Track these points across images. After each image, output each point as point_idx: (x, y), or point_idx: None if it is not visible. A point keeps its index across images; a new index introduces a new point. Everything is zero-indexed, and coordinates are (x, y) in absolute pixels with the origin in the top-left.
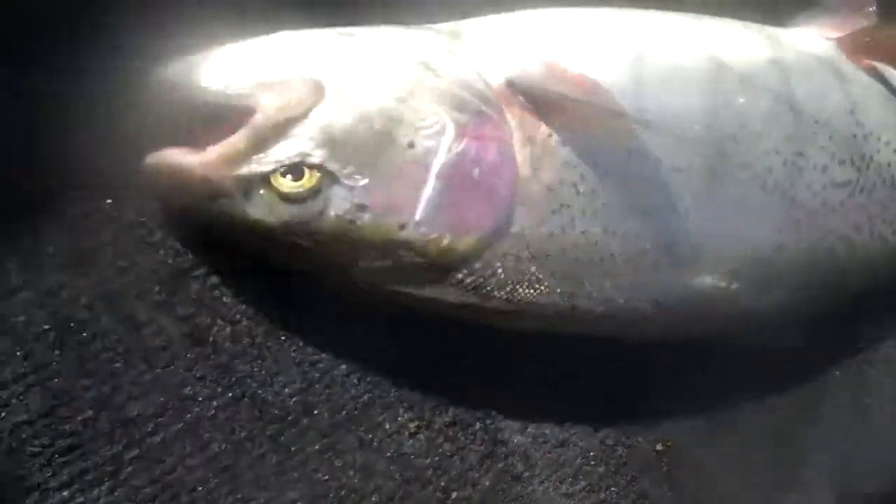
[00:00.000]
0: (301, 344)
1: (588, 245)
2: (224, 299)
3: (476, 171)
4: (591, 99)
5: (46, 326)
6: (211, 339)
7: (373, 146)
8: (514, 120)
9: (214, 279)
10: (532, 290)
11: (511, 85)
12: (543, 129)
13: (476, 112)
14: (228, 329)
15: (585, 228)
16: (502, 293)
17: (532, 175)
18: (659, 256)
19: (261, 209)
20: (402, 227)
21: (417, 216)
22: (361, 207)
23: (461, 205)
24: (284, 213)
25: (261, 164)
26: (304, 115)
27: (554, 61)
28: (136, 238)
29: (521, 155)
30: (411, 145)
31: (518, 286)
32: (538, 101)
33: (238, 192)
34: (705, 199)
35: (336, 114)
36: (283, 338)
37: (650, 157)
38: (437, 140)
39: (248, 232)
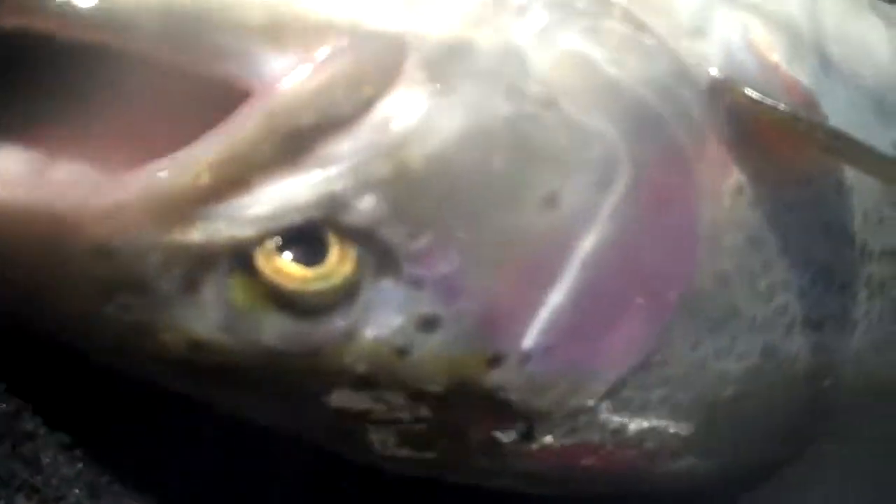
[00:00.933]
0: None
1: (738, 377)
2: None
3: (642, 257)
4: (810, 117)
5: None
6: None
7: (478, 196)
8: (705, 158)
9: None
10: (630, 451)
11: (720, 89)
12: (734, 178)
13: (666, 139)
14: None
15: (745, 350)
16: (588, 458)
17: (705, 262)
18: (812, 391)
19: (215, 319)
20: (495, 361)
21: (528, 341)
22: (430, 323)
23: (604, 321)
24: (270, 330)
25: (234, 222)
26: (353, 117)
27: (762, 47)
28: None
29: (702, 225)
30: (551, 201)
31: (614, 443)
32: (746, 121)
33: (171, 280)
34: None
35: (416, 118)
36: None
37: (846, 233)
38: (600, 192)
39: (167, 359)
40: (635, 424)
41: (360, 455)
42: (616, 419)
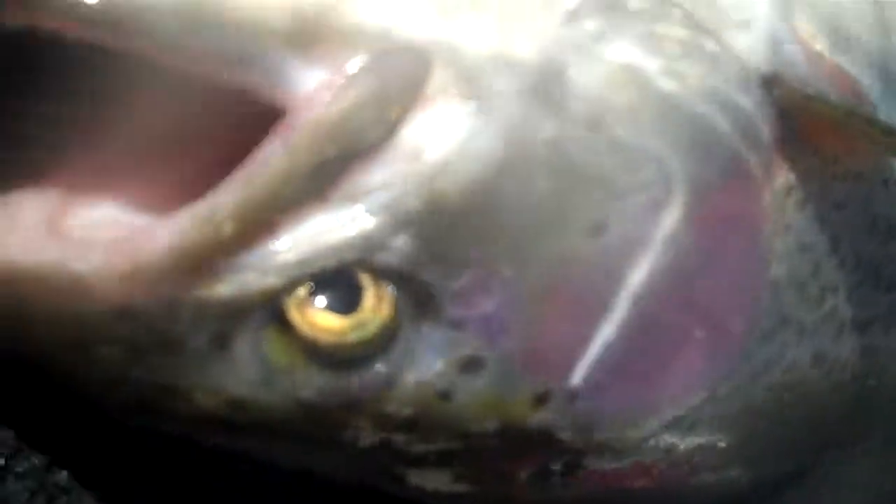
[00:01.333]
0: None
1: (787, 385)
2: None
3: (701, 286)
4: (863, 112)
5: None
6: None
7: (519, 227)
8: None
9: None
10: (681, 467)
11: (769, 85)
12: (783, 178)
13: (729, 156)
14: None
15: (795, 358)
16: (639, 479)
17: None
18: (857, 392)
19: (250, 376)
20: (541, 400)
21: (575, 378)
22: (473, 365)
23: (660, 356)
24: (308, 385)
25: (262, 271)
26: (381, 143)
27: (806, 37)
28: None
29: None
30: (599, 228)
31: (666, 462)
32: (796, 117)
33: (201, 338)
34: None
35: (449, 143)
36: None
37: (893, 230)
38: (652, 217)
39: (200, 418)
40: (687, 443)
41: (400, 491)
42: (668, 439)
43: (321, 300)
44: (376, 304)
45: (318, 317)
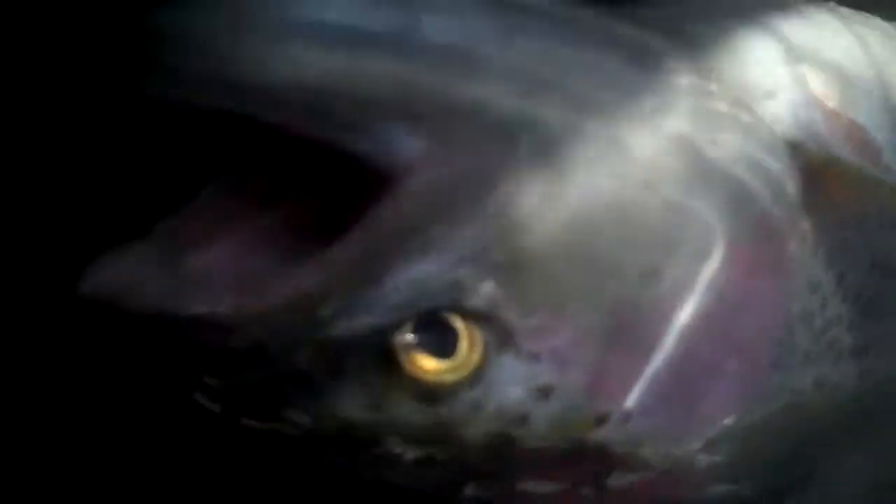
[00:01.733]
0: None
1: (790, 406)
2: None
3: (734, 324)
4: (876, 173)
5: None
6: None
7: (585, 273)
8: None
9: None
10: (697, 484)
11: (792, 149)
12: (800, 227)
13: (759, 213)
14: None
15: (799, 384)
16: (663, 490)
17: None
18: (854, 408)
19: (356, 402)
20: (601, 421)
21: (630, 402)
22: (545, 392)
23: (699, 384)
24: (406, 412)
25: (371, 313)
26: (474, 205)
27: (820, 97)
28: None
29: None
30: (653, 275)
31: (687, 473)
32: (814, 175)
33: (319, 370)
34: None
35: (530, 204)
36: None
37: (890, 266)
38: (697, 265)
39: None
40: (708, 459)
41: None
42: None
43: (423, 343)
44: (470, 347)
45: (419, 359)
